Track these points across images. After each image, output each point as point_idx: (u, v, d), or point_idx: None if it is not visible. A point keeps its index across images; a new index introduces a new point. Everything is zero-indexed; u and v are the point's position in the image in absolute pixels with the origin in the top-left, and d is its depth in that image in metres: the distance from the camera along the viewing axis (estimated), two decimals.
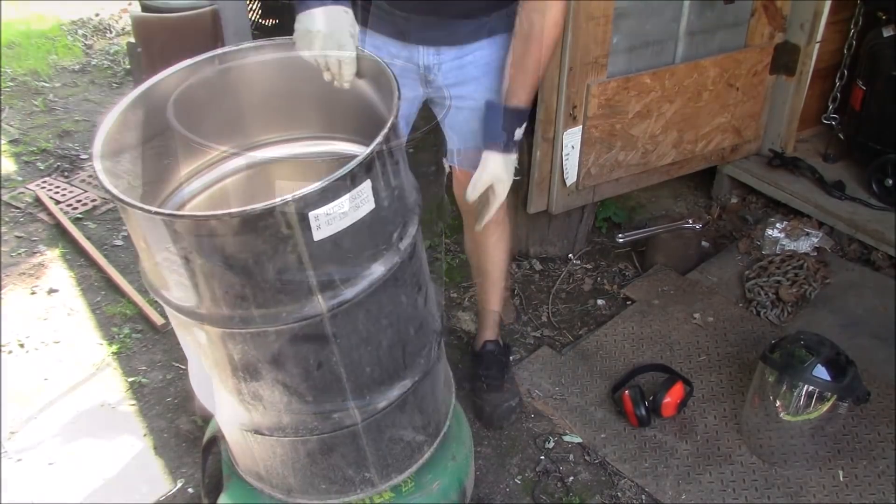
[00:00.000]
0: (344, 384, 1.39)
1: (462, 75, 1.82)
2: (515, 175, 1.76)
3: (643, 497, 1.99)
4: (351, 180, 1.18)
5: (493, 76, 1.79)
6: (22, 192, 3.15)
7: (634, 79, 2.54)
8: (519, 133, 1.69)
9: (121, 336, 2.45)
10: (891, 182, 2.80)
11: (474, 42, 1.78)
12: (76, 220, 2.97)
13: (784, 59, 2.84)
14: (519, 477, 2.05)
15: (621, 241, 2.85)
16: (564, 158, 2.54)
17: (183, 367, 2.34)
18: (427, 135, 2.78)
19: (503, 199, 1.70)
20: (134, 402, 2.24)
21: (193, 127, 1.47)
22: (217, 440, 1.83)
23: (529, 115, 2.46)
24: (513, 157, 1.69)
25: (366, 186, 1.21)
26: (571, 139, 2.51)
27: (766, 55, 2.81)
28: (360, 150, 1.22)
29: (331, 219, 1.18)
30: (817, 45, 2.81)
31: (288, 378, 1.35)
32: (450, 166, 2.04)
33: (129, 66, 3.97)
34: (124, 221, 1.37)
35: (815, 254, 2.76)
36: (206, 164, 1.57)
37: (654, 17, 2.52)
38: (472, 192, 1.67)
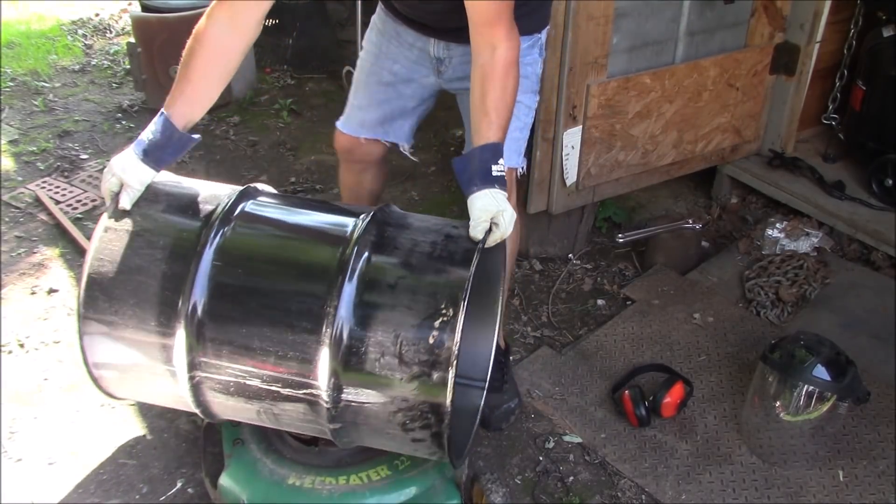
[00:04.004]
0: None
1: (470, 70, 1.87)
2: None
3: (643, 497, 1.99)
4: None
5: None
6: (22, 192, 3.15)
7: (634, 79, 2.54)
8: (497, 169, 1.56)
9: None
10: (891, 182, 2.80)
11: None
12: (76, 220, 2.97)
13: (784, 59, 2.84)
14: (519, 477, 2.05)
15: (621, 241, 2.85)
16: (564, 158, 2.54)
17: None
18: (427, 135, 2.79)
19: (508, 230, 1.54)
20: (134, 402, 2.24)
21: None
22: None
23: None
24: (498, 192, 1.54)
25: None
26: (571, 139, 2.51)
27: (766, 55, 2.82)
28: None
29: None
30: (817, 45, 2.81)
31: None
32: None
33: (129, 66, 3.97)
34: None
35: (815, 254, 2.76)
36: None
37: (654, 17, 2.52)
38: (476, 233, 1.51)
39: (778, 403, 2.02)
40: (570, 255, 2.86)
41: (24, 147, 3.47)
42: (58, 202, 3.08)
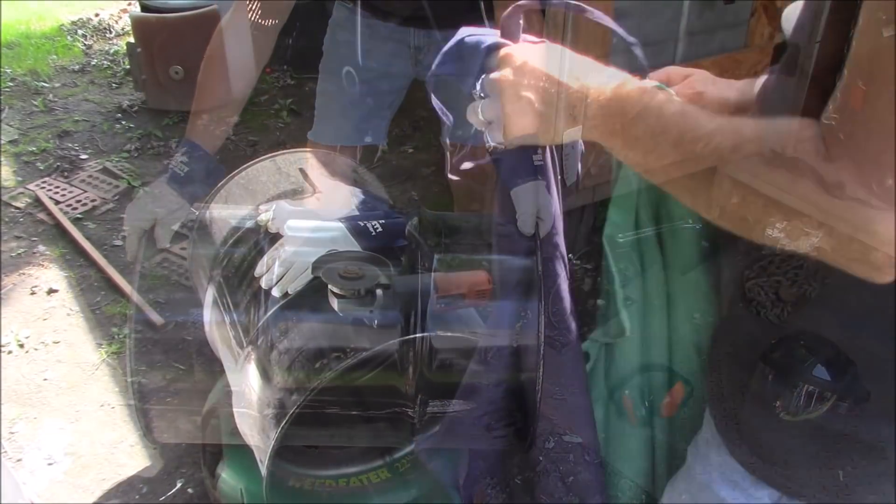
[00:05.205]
0: None
1: None
2: None
3: (643, 497, 1.99)
4: None
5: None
6: (22, 192, 3.15)
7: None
8: (537, 158, 1.56)
9: (120, 336, 2.45)
10: (891, 182, 2.80)
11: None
12: (76, 220, 2.97)
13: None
14: (519, 477, 2.05)
15: (621, 241, 2.85)
16: (564, 158, 2.53)
17: (182, 366, 2.34)
18: (427, 135, 2.78)
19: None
20: (134, 401, 2.24)
21: None
22: (216, 409, 1.81)
23: None
24: (540, 183, 1.57)
25: None
26: (571, 139, 2.51)
27: (766, 55, 2.81)
28: None
29: None
30: (817, 45, 2.81)
31: None
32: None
33: (128, 66, 3.97)
34: None
35: (816, 254, 2.75)
36: None
37: (654, 17, 2.52)
38: (527, 228, 1.53)
39: (778, 403, 2.02)
40: (570, 255, 2.86)
41: (24, 147, 3.47)
42: (58, 202, 3.08)
